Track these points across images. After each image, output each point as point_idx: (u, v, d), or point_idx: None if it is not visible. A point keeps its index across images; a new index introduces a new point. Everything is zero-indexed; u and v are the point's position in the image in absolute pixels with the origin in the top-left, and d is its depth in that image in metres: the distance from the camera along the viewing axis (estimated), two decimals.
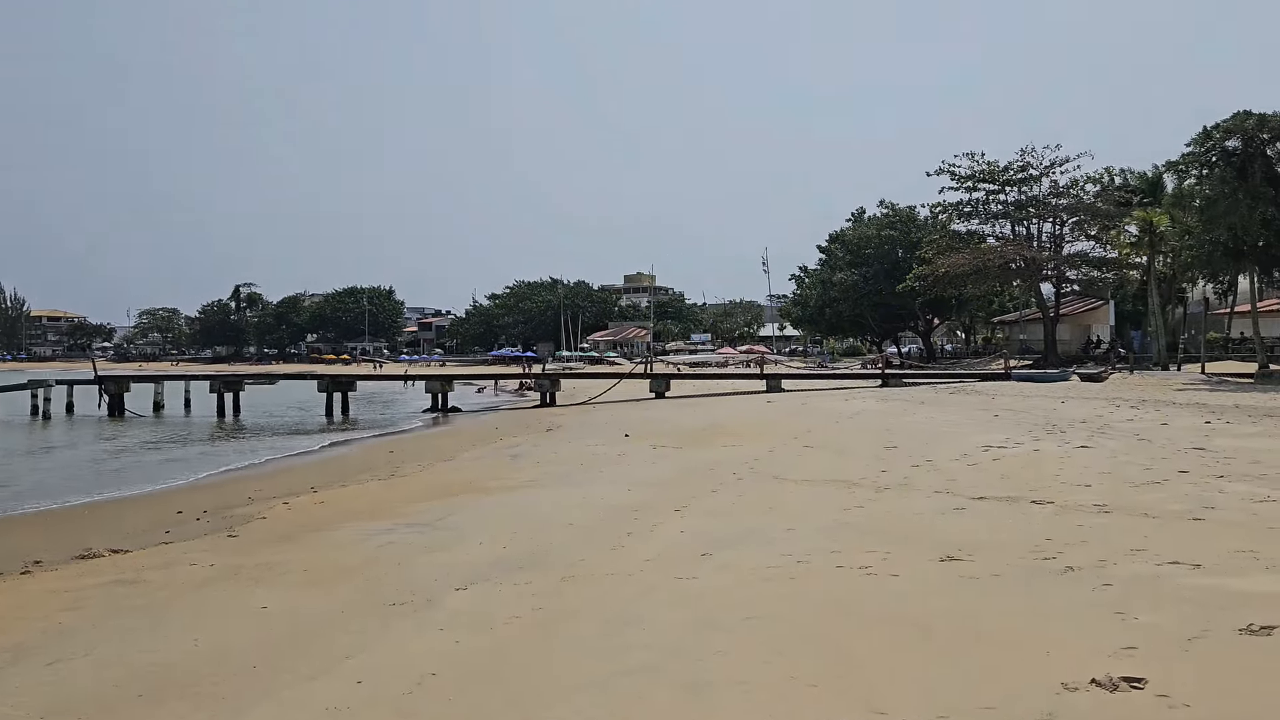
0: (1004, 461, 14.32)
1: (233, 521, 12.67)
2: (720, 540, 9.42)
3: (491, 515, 12.00)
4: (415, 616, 7.00)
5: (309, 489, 16.16)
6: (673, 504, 12.09)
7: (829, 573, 7.73)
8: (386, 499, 14.23)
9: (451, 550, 9.66)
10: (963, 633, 5.87)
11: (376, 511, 12.82)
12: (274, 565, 9.29)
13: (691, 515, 11.16)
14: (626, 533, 10.16)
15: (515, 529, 10.77)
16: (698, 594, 7.20)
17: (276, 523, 12.34)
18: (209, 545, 10.88)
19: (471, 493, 14.32)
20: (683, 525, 10.49)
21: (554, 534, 10.32)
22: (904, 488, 12.39)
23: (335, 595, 7.85)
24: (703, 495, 12.82)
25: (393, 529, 11.21)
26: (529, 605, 7.14)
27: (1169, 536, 8.41)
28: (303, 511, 13.34)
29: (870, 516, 10.39)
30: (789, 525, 10.04)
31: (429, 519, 11.89)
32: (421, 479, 16.84)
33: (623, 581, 7.84)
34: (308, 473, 19.83)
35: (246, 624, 7.07)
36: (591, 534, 10.20)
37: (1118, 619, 5.97)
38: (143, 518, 13.98)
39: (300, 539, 10.90)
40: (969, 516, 10.06)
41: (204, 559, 9.89)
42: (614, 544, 9.54)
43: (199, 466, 22.62)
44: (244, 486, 17.51)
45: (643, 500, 12.59)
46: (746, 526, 10.15)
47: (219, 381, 46.47)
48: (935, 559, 8.00)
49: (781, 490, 13.14)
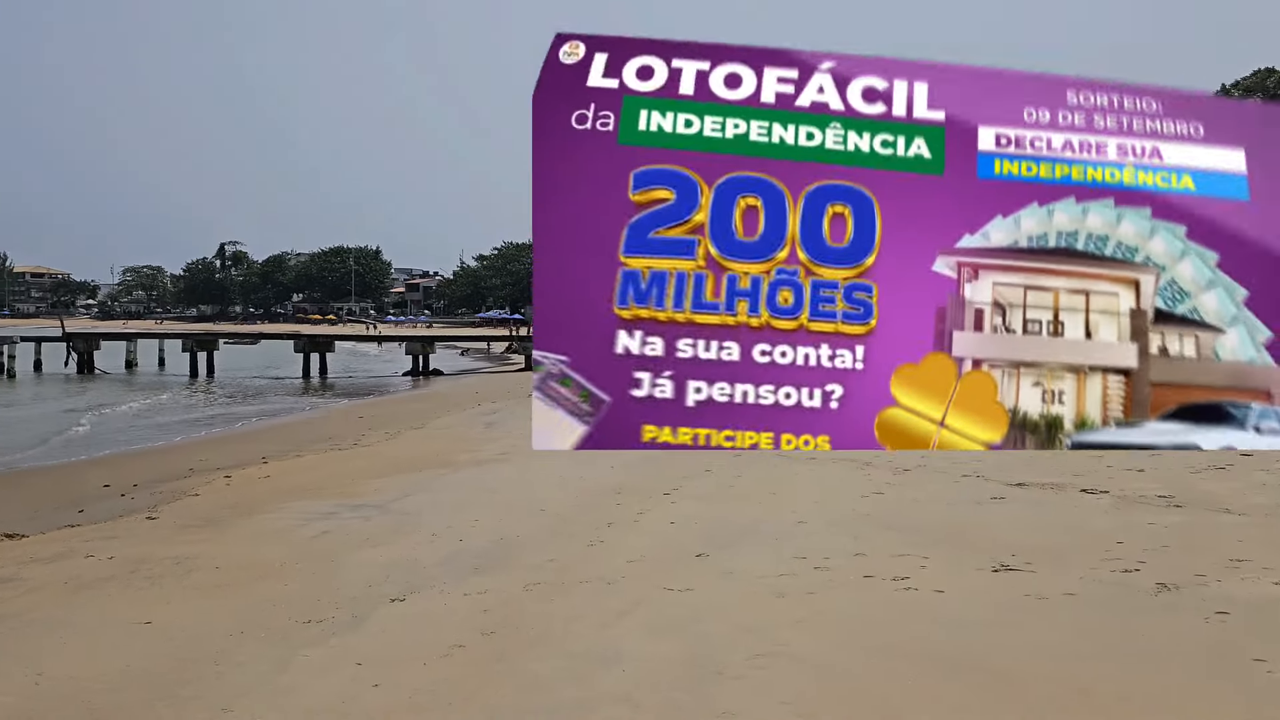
0: None
1: (159, 499, 11.08)
2: (718, 535, 7.88)
3: (454, 496, 10.44)
4: (329, 643, 5.44)
5: (259, 459, 14.58)
6: (661, 485, 10.54)
7: (857, 585, 6.20)
8: (340, 473, 12.66)
9: (398, 543, 8.11)
10: (1059, 686, 4.34)
11: (324, 488, 11.25)
12: (183, 560, 7.71)
13: (683, 500, 9.63)
14: (607, 522, 8.61)
15: (478, 515, 9.21)
16: (693, 614, 5.67)
17: (207, 501, 10.76)
18: (120, 529, 9.30)
19: (436, 467, 12.75)
20: (673, 513, 8.95)
21: (522, 522, 8.77)
22: (925, 468, 10.86)
23: (239, 606, 6.28)
24: (695, 474, 11.27)
25: (336, 512, 9.64)
26: (478, 627, 5.60)
27: (1269, 541, 6.90)
28: (242, 487, 11.76)
29: (893, 506, 8.86)
30: (798, 516, 8.51)
31: (381, 499, 10.33)
32: (385, 450, 15.26)
33: (600, 592, 6.30)
34: (265, 439, 18.24)
35: (114, 650, 5.50)
36: (566, 523, 8.65)
37: (1259, 670, 4.45)
38: (65, 490, 12.38)
39: (226, 524, 9.32)
40: (1012, 508, 8.54)
41: (106, 549, 8.32)
42: (591, 538, 8.00)
43: (148, 434, 21.01)
44: (189, 455, 15.91)
45: (627, 480, 11.05)
46: (748, 517, 8.62)
47: (191, 340, 44.67)
48: (986, 568, 6.48)
49: (784, 469, 11.60)
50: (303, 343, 43.89)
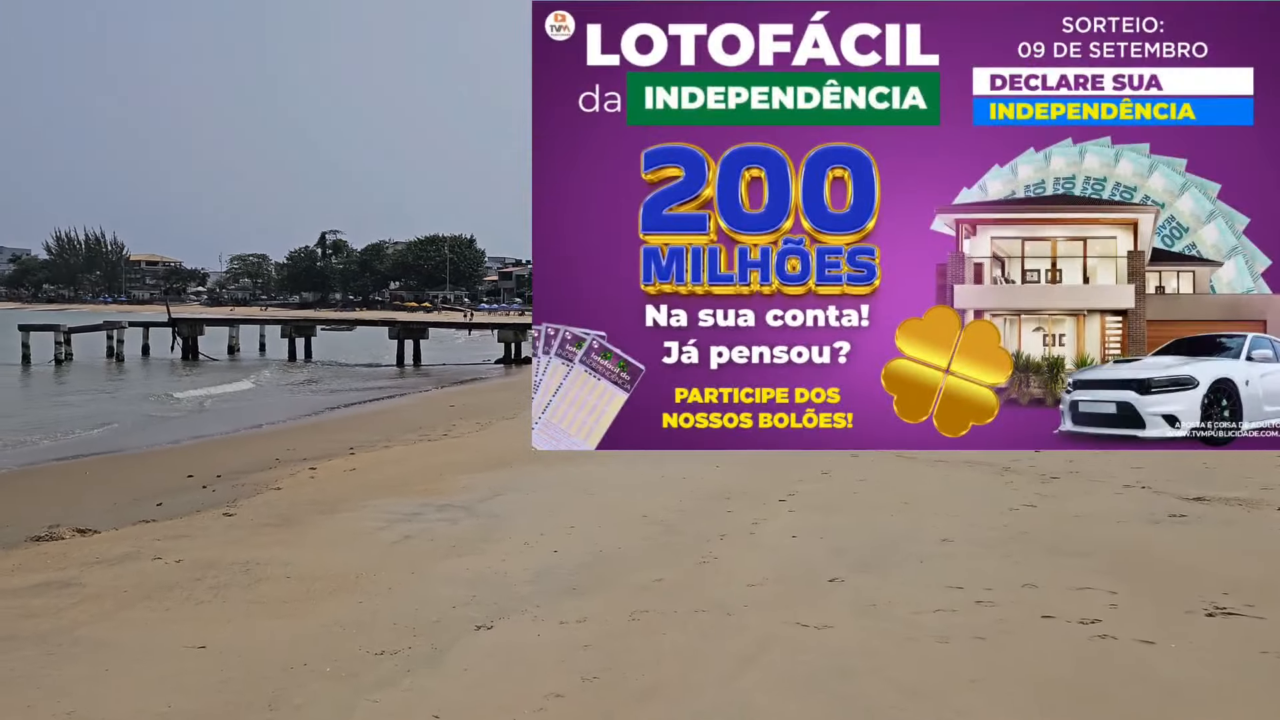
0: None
1: (240, 492, 10.51)
2: (850, 553, 6.81)
3: (546, 497, 9.57)
4: (403, 684, 4.58)
5: (347, 449, 14.02)
6: (775, 489, 9.50)
7: (1036, 629, 5.07)
8: (428, 466, 11.95)
9: (486, 552, 7.26)
10: None
11: (410, 483, 10.52)
12: (253, 566, 7.01)
13: (801, 508, 8.56)
14: (719, 534, 7.61)
15: (573, 520, 8.31)
16: (837, 664, 4.63)
17: (289, 496, 10.13)
18: (195, 527, 8.70)
19: (527, 462, 11.92)
20: (793, 524, 7.91)
21: (622, 531, 7.84)
22: (1076, 475, 9.55)
23: (305, 629, 5.49)
24: (810, 476, 10.19)
25: (421, 512, 8.87)
26: (578, 669, 4.67)
27: None
28: (327, 481, 11.13)
29: (1051, 522, 7.64)
30: (940, 532, 7.37)
31: (470, 498, 9.53)
32: (475, 441, 14.54)
33: (719, 626, 5.31)
34: (354, 428, 17.77)
35: (160, 683, 4.74)
36: (672, 534, 7.69)
37: None
38: (149, 480, 11.96)
39: (305, 523, 8.63)
40: (1197, 529, 7.23)
41: (175, 550, 7.69)
42: (702, 553, 7.01)
43: (241, 417, 20.88)
44: (278, 442, 15.48)
45: (736, 481, 10.03)
46: (881, 531, 7.51)
47: (290, 326, 45.29)
48: (1196, 609, 5.27)
49: (910, 472, 10.41)
50: (397, 329, 43.96)
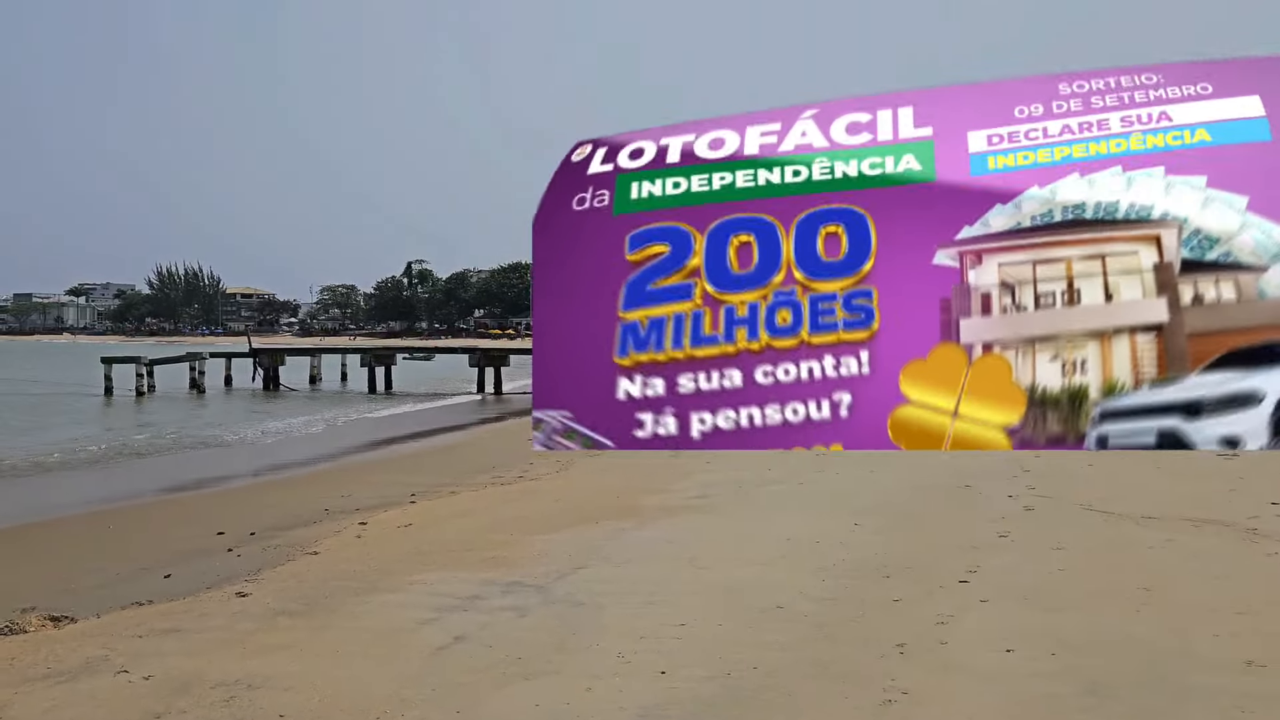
0: None
1: (269, 558, 8.60)
2: (1114, 694, 4.45)
3: (642, 571, 7.38)
4: None
5: (408, 496, 12.10)
6: (943, 561, 7.17)
7: None
8: (497, 522, 9.89)
9: (565, 669, 5.11)
10: None
11: (473, 547, 8.47)
12: (241, 691, 5.00)
13: (995, 594, 6.22)
14: (894, 643, 5.32)
15: (683, 612, 6.11)
16: None
17: (324, 566, 8.15)
18: (194, 613, 6.77)
19: (617, 516, 9.78)
20: (995, 624, 5.58)
21: (754, 634, 5.61)
22: None
23: None
24: (985, 542, 7.82)
25: (481, 595, 6.78)
26: None
27: None
28: (374, 542, 9.15)
29: None
30: (1233, 648, 4.95)
31: (544, 571, 7.42)
32: (554, 486, 12.44)
33: None
34: (420, 466, 15.94)
35: None
36: (827, 639, 5.43)
37: None
38: (173, 537, 10.18)
39: (331, 610, 6.61)
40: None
41: (153, 654, 5.75)
42: (882, 679, 4.73)
43: (299, 450, 19.43)
44: (336, 485, 13.67)
45: (886, 548, 7.73)
46: (1140, 644, 5.13)
47: (369, 355, 44.49)
48: None
49: (1118, 535, 7.97)
50: (477, 356, 42.59)
